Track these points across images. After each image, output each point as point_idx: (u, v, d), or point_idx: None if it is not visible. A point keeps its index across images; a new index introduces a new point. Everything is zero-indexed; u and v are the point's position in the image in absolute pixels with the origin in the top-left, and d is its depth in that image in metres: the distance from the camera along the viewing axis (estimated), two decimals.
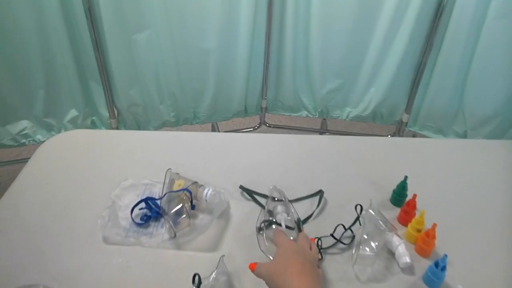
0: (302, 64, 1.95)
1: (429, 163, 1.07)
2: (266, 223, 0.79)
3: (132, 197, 0.87)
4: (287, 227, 0.77)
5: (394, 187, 0.89)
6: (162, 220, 0.82)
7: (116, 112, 1.96)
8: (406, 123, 2.03)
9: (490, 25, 1.64)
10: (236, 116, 2.11)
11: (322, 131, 2.32)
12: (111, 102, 1.91)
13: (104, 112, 1.95)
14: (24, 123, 1.88)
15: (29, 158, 1.05)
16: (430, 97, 1.92)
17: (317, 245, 0.76)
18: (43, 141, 1.96)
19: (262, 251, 0.75)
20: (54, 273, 0.72)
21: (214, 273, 0.67)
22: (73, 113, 1.92)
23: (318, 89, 1.99)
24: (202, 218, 0.84)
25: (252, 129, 2.27)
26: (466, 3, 1.65)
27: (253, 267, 0.64)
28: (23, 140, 1.91)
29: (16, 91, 1.76)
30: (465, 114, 1.87)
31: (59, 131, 1.92)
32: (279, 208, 0.81)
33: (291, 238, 0.71)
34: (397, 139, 1.67)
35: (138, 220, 0.82)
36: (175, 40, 1.74)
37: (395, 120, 2.06)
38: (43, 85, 1.78)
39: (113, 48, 1.71)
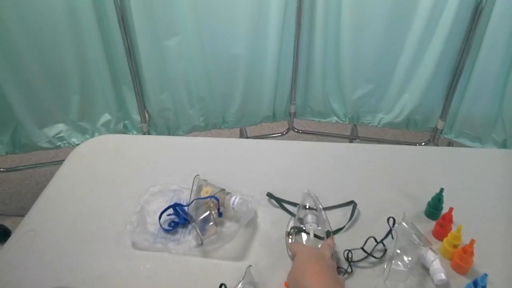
0: (332, 69, 1.92)
1: (467, 174, 1.02)
2: (295, 230, 0.79)
3: (160, 203, 0.88)
4: (315, 236, 0.76)
5: (429, 199, 0.85)
6: (190, 226, 0.82)
7: (147, 116, 2.00)
8: (441, 130, 1.95)
9: None
10: (265, 121, 2.10)
11: (353, 137, 2.27)
12: (142, 106, 1.95)
13: (136, 117, 1.99)
14: (60, 127, 1.95)
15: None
16: (467, 103, 1.83)
17: (347, 258, 0.74)
18: (78, 144, 2.03)
19: (289, 256, 0.75)
20: (83, 277, 0.73)
21: (240, 283, 0.66)
22: (106, 117, 1.97)
23: (348, 94, 1.95)
24: (229, 226, 0.83)
25: (280, 134, 2.25)
26: (506, 3, 1.57)
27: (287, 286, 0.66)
28: (59, 143, 1.98)
29: (53, 96, 1.83)
30: (504, 121, 1.77)
31: (93, 135, 1.98)
32: (310, 217, 0.80)
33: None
34: (432, 148, 1.61)
35: (166, 226, 0.82)
36: (204, 45, 1.76)
37: (429, 127, 1.99)
38: (78, 90, 1.84)
39: (145, 54, 1.75)
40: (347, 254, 0.74)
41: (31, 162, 2.27)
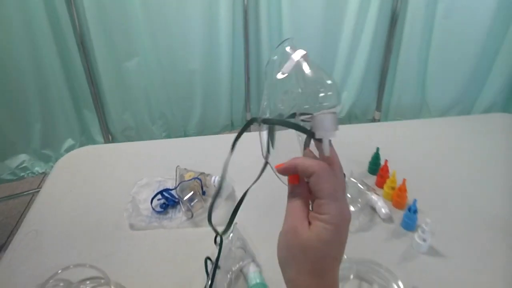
0: None
1: (396, 137, 1.27)
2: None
3: (149, 193, 1.00)
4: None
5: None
6: (178, 206, 0.96)
7: (110, 137, 2.09)
8: (379, 120, 2.23)
9: (440, 25, 1.88)
10: (224, 131, 2.26)
11: None
12: (105, 128, 2.04)
13: (99, 139, 2.07)
14: (23, 157, 1.97)
15: (23, 192, 1.14)
16: (396, 94, 2.13)
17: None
18: (42, 173, 2.06)
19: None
20: (91, 256, 0.83)
21: (231, 236, 0.81)
22: (69, 142, 2.03)
23: None
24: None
25: None
26: (416, 9, 1.89)
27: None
28: (22, 174, 2.00)
29: (14, 126, 1.87)
30: (429, 105, 2.09)
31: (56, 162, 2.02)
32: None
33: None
34: (369, 124, 1.87)
35: (158, 209, 0.95)
36: (162, 64, 1.90)
37: (368, 119, 2.26)
38: (40, 118, 1.90)
39: (105, 77, 1.86)
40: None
41: None
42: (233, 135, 0.54)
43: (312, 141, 0.45)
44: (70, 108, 1.94)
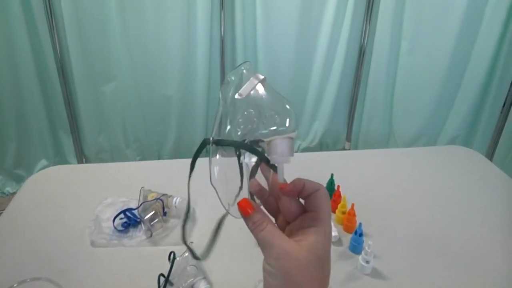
0: None
1: (356, 165, 1.33)
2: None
3: (113, 212, 1.03)
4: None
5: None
6: (139, 226, 0.99)
7: (84, 159, 2.11)
8: (349, 149, 2.32)
9: (404, 61, 2.01)
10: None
11: None
12: (80, 150, 2.06)
13: (73, 160, 2.09)
14: None
15: None
16: (365, 126, 2.23)
17: None
18: (13, 193, 2.05)
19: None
20: (53, 270, 0.85)
21: (185, 253, 0.84)
22: (43, 163, 2.04)
23: None
24: (173, 221, 1.01)
25: None
26: (382, 44, 2.02)
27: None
28: None
29: None
30: (395, 136, 2.19)
31: None
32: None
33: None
34: (334, 152, 1.96)
35: (119, 228, 0.98)
36: (139, 89, 1.96)
37: (339, 148, 2.35)
38: (15, 138, 1.91)
39: (83, 100, 1.90)
40: None
41: None
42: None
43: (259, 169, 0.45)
44: (46, 129, 1.96)
